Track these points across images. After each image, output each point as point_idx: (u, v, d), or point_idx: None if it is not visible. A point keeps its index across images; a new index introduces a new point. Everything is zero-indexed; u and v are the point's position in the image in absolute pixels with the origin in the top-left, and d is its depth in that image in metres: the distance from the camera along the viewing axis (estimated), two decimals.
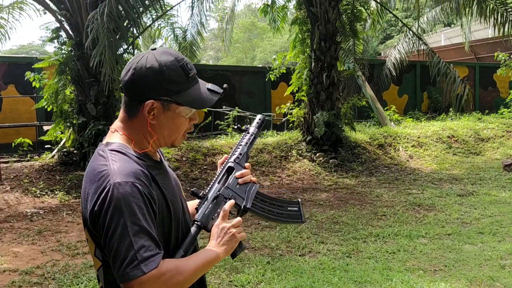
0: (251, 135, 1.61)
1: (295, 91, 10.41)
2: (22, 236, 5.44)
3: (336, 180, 8.58)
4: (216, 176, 1.50)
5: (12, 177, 8.16)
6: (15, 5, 9.68)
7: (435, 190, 7.47)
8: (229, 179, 1.49)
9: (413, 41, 11.09)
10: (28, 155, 9.92)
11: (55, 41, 8.88)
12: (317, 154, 9.63)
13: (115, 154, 1.28)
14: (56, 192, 7.32)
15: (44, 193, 7.34)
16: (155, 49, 1.36)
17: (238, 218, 1.42)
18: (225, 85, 1.44)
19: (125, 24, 7.79)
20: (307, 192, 7.70)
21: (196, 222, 1.40)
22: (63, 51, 8.67)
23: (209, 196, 1.45)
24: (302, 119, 10.34)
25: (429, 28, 13.97)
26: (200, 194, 1.44)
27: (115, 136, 1.35)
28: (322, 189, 7.90)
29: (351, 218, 5.87)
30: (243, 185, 1.50)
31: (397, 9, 25.94)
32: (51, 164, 8.70)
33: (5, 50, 28.63)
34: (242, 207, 1.48)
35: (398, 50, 13.33)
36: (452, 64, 11.44)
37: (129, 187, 1.20)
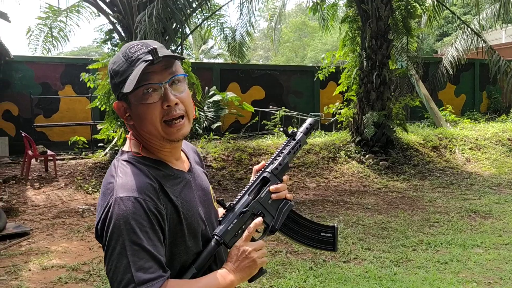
0: (297, 142, 1.41)
1: (344, 90, 10.15)
2: (72, 232, 5.61)
3: (386, 183, 8.26)
4: (248, 186, 1.33)
5: (66, 174, 8.49)
6: (73, 8, 10.10)
7: (493, 196, 7.00)
8: (261, 192, 1.32)
9: (471, 38, 10.48)
10: (83, 153, 10.31)
11: (109, 42, 9.16)
12: (367, 156, 9.33)
13: (125, 166, 1.19)
14: None
15: (95, 190, 7.57)
16: None
17: (261, 242, 1.27)
18: (149, 48, 1.16)
19: (173, 26, 7.89)
20: (354, 195, 7.46)
21: (215, 237, 1.25)
22: (116, 52, 8.90)
23: (236, 208, 1.28)
24: (351, 119, 10.06)
25: (488, 24, 13.19)
26: (224, 204, 1.28)
27: (129, 142, 1.26)
28: (370, 192, 7.63)
29: (400, 224, 5.60)
30: (276, 201, 1.33)
31: (455, 5, 24.80)
32: (103, 162, 8.98)
33: (66, 51, 30.08)
34: (269, 227, 1.32)
35: (456, 47, 12.68)
36: None
37: (131, 203, 1.09)
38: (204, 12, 10.46)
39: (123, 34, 8.84)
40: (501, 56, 9.84)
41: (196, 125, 11.60)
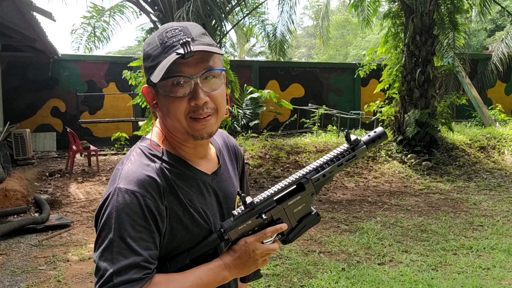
0: (354, 156, 1.20)
1: (386, 88, 9.86)
2: None
3: (429, 184, 7.96)
4: (279, 187, 1.16)
5: (108, 169, 8.73)
6: (116, 8, 10.36)
7: None
8: (291, 198, 1.15)
9: None
10: (124, 149, 10.57)
11: None
12: (409, 156, 9.03)
13: (137, 154, 1.11)
14: None
15: None
16: None
17: (271, 247, 1.14)
18: (182, 40, 1.04)
19: (212, 23, 7.92)
20: (394, 196, 7.22)
21: (221, 229, 1.12)
22: None
23: (256, 209, 1.13)
24: (393, 118, 9.77)
25: None
26: (247, 201, 1.12)
27: (153, 130, 1.16)
28: (411, 193, 7.36)
29: (441, 227, 5.36)
30: (303, 209, 1.18)
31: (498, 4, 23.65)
32: None
33: (114, 51, 31.02)
34: (284, 236, 1.18)
35: (506, 43, 12.05)
36: None
37: (128, 196, 1.02)
38: (244, 10, 10.45)
39: None
40: None
41: (235, 122, 11.63)
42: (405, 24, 9.44)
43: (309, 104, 12.88)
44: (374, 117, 11.18)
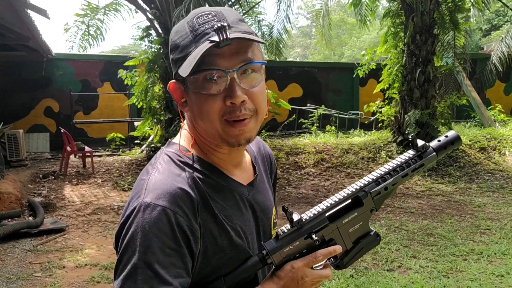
0: (421, 164, 1.02)
1: (385, 88, 9.74)
2: (107, 229, 5.57)
3: (430, 185, 7.84)
4: (332, 202, 0.97)
5: (103, 170, 8.53)
6: (111, 6, 10.15)
7: None
8: (347, 215, 0.98)
9: None
10: (120, 150, 10.38)
11: (146, 39, 9.14)
12: None
13: (165, 162, 0.95)
14: None
15: (131, 187, 7.53)
16: None
17: (323, 274, 0.96)
18: (217, 25, 0.87)
19: None
20: (396, 198, 7.09)
21: (263, 252, 0.93)
22: (153, 49, 8.88)
23: (304, 228, 0.95)
24: (393, 118, 9.65)
25: None
26: (294, 218, 0.94)
27: (182, 133, 1.01)
28: (414, 195, 7.24)
29: (448, 231, 5.23)
30: (360, 229, 1.00)
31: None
32: (139, 159, 8.98)
33: (107, 50, 30.74)
34: (337, 260, 1.01)
35: (506, 42, 11.97)
36: None
37: (156, 214, 0.85)
38: (241, 9, 10.29)
39: (160, 31, 8.79)
40: None
41: None
42: (405, 23, 9.33)
43: (308, 104, 12.75)
44: (373, 118, 11.07)
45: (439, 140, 1.06)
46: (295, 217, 0.94)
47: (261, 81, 0.93)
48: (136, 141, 10.17)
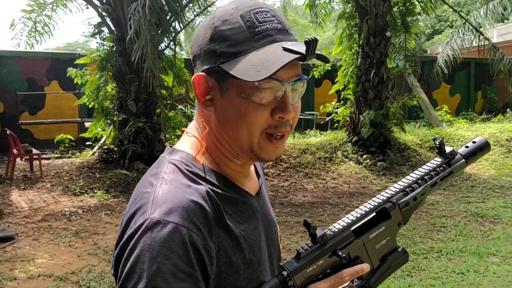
0: (450, 172, 0.96)
1: (340, 89, 9.90)
2: (59, 237, 5.28)
3: (385, 184, 8.03)
4: (358, 215, 0.89)
5: (52, 174, 8.10)
6: (59, 1, 9.66)
7: (498, 199, 6.80)
8: (374, 229, 0.89)
9: (474, 35, 10.27)
10: (70, 152, 9.92)
11: (97, 36, 8.77)
12: (364, 156, 9.10)
13: (171, 171, 0.82)
14: (95, 191, 7.17)
15: (83, 191, 7.21)
16: None
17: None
18: (308, 38, 0.80)
19: (167, 17, 7.54)
20: (354, 197, 7.21)
21: (284, 272, 0.82)
22: (105, 47, 8.54)
23: (328, 245, 0.85)
24: (348, 119, 9.82)
25: (480, 24, 13.05)
26: (317, 234, 0.84)
27: (186, 139, 0.90)
28: (370, 194, 7.38)
29: (406, 229, 5.35)
30: (387, 245, 0.91)
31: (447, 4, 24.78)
32: (91, 162, 8.60)
33: (52, 47, 29.42)
34: (364, 282, 0.90)
35: (451, 46, 12.50)
36: None
37: (167, 232, 0.73)
38: (196, 7, 10.12)
39: (112, 28, 8.46)
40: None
41: (188, 123, 11.27)
42: (359, 25, 9.51)
43: None
44: (328, 118, 11.22)
45: (466, 146, 1.00)
46: (319, 232, 0.84)
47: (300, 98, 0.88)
48: (87, 143, 9.74)
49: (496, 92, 15.21)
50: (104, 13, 8.42)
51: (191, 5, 9.57)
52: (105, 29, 8.62)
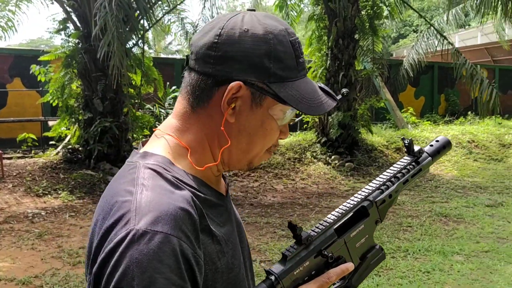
0: (419, 169, 1.00)
1: None
2: (22, 239, 5.09)
3: (353, 185, 8.15)
4: (338, 214, 0.90)
5: (14, 174, 7.80)
6: None
7: (460, 199, 7.01)
8: (354, 228, 0.91)
9: (437, 39, 10.58)
10: (32, 151, 9.60)
11: (62, 33, 8.52)
12: (332, 157, 9.21)
13: (150, 177, 0.77)
14: (59, 192, 6.95)
15: (46, 192, 6.98)
16: (252, 10, 0.87)
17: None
18: (344, 90, 0.92)
19: (135, 14, 7.40)
20: (323, 198, 7.28)
21: (272, 277, 0.81)
22: (70, 44, 8.30)
23: (314, 246, 0.86)
24: (317, 120, 9.92)
25: (443, 29, 13.47)
26: (300, 234, 0.84)
27: (161, 142, 0.84)
28: (339, 195, 7.47)
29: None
30: (365, 243, 0.92)
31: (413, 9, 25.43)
32: (55, 162, 8.34)
33: (14, 44, 28.39)
34: (346, 281, 0.91)
35: (416, 50, 12.83)
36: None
37: (157, 243, 0.68)
38: (164, 5, 9.98)
39: (78, 24, 8.23)
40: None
41: (156, 122, 11.10)
42: (328, 27, 9.62)
43: None
44: (298, 119, 11.27)
45: (431, 145, 1.06)
46: (304, 234, 0.84)
47: None
48: (51, 142, 9.44)
49: (458, 95, 15.71)
50: (69, 9, 8.18)
51: (160, 2, 9.44)
52: (70, 25, 8.38)
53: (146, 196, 0.73)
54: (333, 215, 0.90)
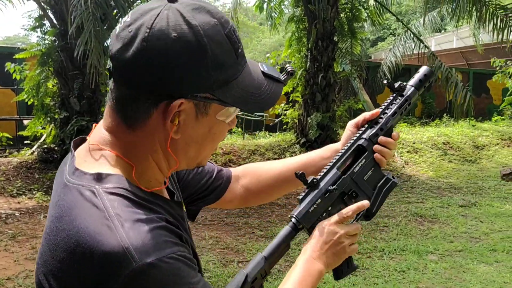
0: (405, 100, 1.09)
1: (289, 91, 10.03)
2: None
3: None
4: (337, 157, 1.02)
5: None
6: None
7: (435, 199, 7.15)
8: (355, 165, 1.02)
9: (414, 43, 10.77)
10: (7, 151, 9.40)
11: (38, 30, 8.36)
12: None
13: (119, 205, 0.71)
14: (34, 192, 6.82)
15: (21, 192, 6.84)
16: (173, 0, 0.75)
17: (355, 225, 0.99)
18: (288, 66, 0.86)
19: (113, 13, 7.31)
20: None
21: (292, 220, 0.96)
22: (46, 41, 8.15)
23: (321, 185, 0.99)
24: (296, 121, 9.97)
25: (420, 33, 13.72)
26: (309, 180, 0.97)
27: (107, 159, 0.77)
28: None
29: None
30: (374, 175, 1.03)
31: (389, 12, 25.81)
32: (30, 161, 8.18)
33: None
34: (365, 211, 1.02)
35: (394, 53, 13.03)
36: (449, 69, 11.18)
37: (167, 266, 0.68)
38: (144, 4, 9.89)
39: (55, 21, 8.09)
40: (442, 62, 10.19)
41: None
42: (308, 29, 9.68)
43: None
44: (277, 120, 11.34)
45: (413, 77, 1.13)
46: (309, 178, 0.97)
47: None
48: (25, 142, 9.25)
49: (434, 98, 16.01)
50: (45, 6, 8.03)
51: (139, 1, 9.35)
52: (46, 22, 8.23)
53: (129, 227, 0.68)
54: (334, 158, 1.02)
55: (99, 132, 0.80)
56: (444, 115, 14.37)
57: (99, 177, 0.74)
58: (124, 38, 0.72)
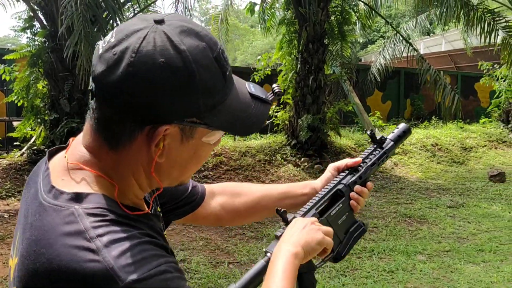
0: (384, 153, 1.18)
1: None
2: None
3: None
4: (317, 198, 1.08)
5: None
6: None
7: (424, 200, 7.23)
8: (333, 208, 1.08)
9: (404, 46, 10.89)
10: None
11: (28, 31, 8.32)
12: (302, 159, 9.32)
13: (100, 225, 0.69)
14: None
15: (10, 194, 6.80)
16: (160, 21, 0.72)
17: (329, 229, 1.01)
18: (275, 86, 0.88)
19: (104, 14, 7.30)
20: None
21: (267, 254, 0.97)
22: (36, 42, 8.12)
23: None
24: (287, 123, 10.02)
25: (409, 36, 13.86)
26: (286, 217, 1.00)
27: (83, 181, 0.75)
28: None
29: None
30: (347, 220, 1.10)
31: (380, 15, 26.01)
32: (19, 163, 8.12)
33: None
34: (334, 253, 1.07)
35: (383, 55, 13.15)
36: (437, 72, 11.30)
37: (159, 277, 0.68)
38: (136, 6, 9.88)
39: (45, 22, 8.06)
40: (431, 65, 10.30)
41: None
42: (298, 31, 9.74)
43: None
44: (268, 121, 11.37)
45: (393, 132, 1.23)
46: (289, 216, 1.00)
47: None
48: (15, 143, 9.19)
49: (423, 100, 16.17)
50: (35, 7, 8.00)
51: (130, 3, 9.34)
52: (36, 23, 8.20)
53: (113, 249, 0.67)
54: (313, 199, 1.07)
55: (78, 150, 0.78)
56: (433, 117, 14.52)
57: (78, 197, 0.72)
58: (108, 60, 0.70)
